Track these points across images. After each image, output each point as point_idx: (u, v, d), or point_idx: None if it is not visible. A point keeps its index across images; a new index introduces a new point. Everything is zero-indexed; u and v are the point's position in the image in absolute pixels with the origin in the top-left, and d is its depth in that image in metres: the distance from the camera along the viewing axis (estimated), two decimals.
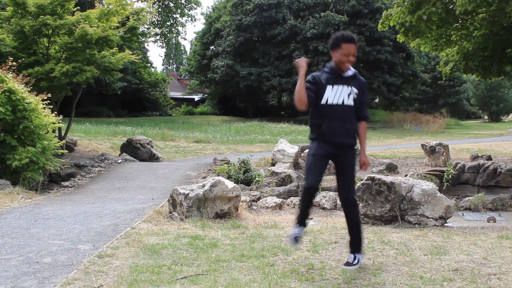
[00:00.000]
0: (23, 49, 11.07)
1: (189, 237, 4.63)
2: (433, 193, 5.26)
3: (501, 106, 50.58)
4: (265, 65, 32.87)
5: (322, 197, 7.59)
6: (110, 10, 11.55)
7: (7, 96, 7.98)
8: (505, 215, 7.14)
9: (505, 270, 3.57)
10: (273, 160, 10.84)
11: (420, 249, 4.18)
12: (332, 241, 4.52)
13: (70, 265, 3.81)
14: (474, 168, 9.38)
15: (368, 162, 3.76)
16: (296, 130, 23.52)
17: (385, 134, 24.70)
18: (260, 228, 5.09)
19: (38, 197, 7.46)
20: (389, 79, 31.31)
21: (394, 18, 10.26)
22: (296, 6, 32.46)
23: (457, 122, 38.62)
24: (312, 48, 30.38)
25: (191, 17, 49.11)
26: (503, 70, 12.47)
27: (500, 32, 10.93)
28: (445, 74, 12.73)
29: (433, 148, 11.08)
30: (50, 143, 8.52)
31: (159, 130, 19.63)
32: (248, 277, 3.47)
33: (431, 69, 44.89)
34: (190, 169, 10.53)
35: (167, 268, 3.66)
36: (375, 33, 30.10)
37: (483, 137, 23.06)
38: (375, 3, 31.30)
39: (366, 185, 5.46)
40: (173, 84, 52.14)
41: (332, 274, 3.53)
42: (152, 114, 34.44)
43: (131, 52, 12.20)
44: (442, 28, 10.67)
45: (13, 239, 4.59)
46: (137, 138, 13.11)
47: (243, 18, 33.01)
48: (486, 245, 4.30)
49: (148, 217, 5.64)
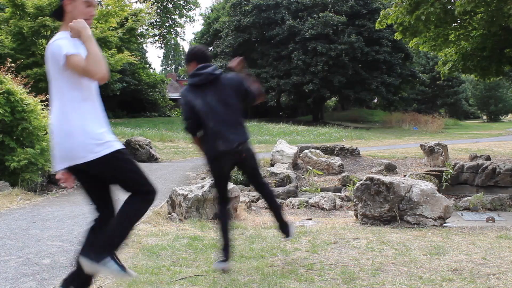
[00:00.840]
0: (21, 50, 11.09)
1: (188, 238, 4.62)
2: (432, 193, 5.27)
3: (500, 106, 50.69)
4: (264, 66, 32.88)
5: (321, 197, 7.59)
6: (109, 11, 11.58)
7: (5, 97, 7.97)
8: (504, 215, 7.14)
9: (504, 270, 3.58)
10: (272, 161, 10.84)
11: (419, 249, 4.18)
12: (331, 241, 4.52)
13: (69, 266, 3.80)
14: (473, 168, 9.39)
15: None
16: (295, 130, 23.52)
17: (384, 134, 24.71)
18: (259, 229, 5.09)
19: (37, 199, 7.45)
20: (387, 80, 31.34)
21: (392, 17, 10.28)
22: (294, 7, 32.48)
23: (455, 122, 38.70)
24: (310, 48, 30.40)
25: (189, 18, 49.10)
26: (501, 70, 12.51)
27: (499, 32, 10.95)
28: (443, 74, 12.76)
29: (432, 148, 11.09)
30: (49, 144, 8.50)
31: (158, 131, 19.61)
32: (247, 277, 3.47)
33: (430, 69, 44.95)
34: (189, 170, 10.53)
35: (166, 269, 3.66)
36: (374, 34, 30.14)
37: (481, 137, 23.08)
38: (373, 3, 31.34)
39: (365, 185, 5.47)
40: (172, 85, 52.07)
41: (331, 275, 3.53)
42: (151, 115, 34.40)
43: (130, 53, 12.22)
44: (440, 28, 10.69)
45: (12, 241, 4.58)
46: (136, 139, 13.11)
47: (242, 19, 33.02)
48: (485, 245, 4.31)
49: (147, 218, 5.63)
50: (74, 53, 2.42)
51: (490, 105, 49.96)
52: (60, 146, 2.52)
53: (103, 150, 2.48)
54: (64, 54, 2.42)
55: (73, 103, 2.50)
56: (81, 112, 2.50)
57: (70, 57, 2.41)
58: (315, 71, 30.20)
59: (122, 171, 2.59)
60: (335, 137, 20.99)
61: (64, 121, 2.50)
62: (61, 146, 2.51)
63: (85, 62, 2.41)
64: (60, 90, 2.52)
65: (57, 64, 2.47)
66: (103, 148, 2.49)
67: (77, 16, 2.54)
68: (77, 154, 2.47)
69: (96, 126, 2.53)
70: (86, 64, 2.40)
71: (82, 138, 2.47)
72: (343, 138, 20.78)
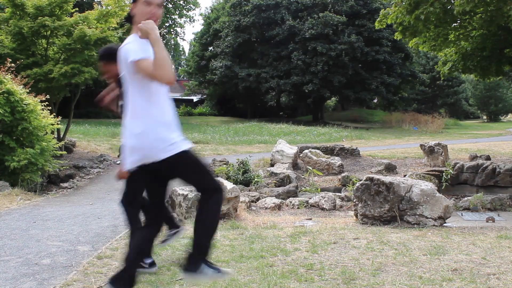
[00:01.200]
0: (21, 50, 11.07)
1: (188, 238, 4.62)
2: (432, 193, 5.27)
3: (500, 106, 50.66)
4: (264, 66, 32.86)
5: (321, 197, 7.59)
6: (108, 11, 11.56)
7: (5, 97, 7.98)
8: (504, 215, 7.14)
9: (504, 270, 3.58)
10: (272, 161, 10.84)
11: (419, 249, 4.18)
12: (331, 241, 4.52)
13: (69, 266, 3.80)
14: (473, 168, 9.38)
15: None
16: (295, 130, 23.52)
17: (384, 134, 24.71)
18: (259, 229, 5.09)
19: (37, 199, 7.45)
20: (387, 80, 31.33)
21: (392, 17, 10.29)
22: (294, 7, 32.46)
23: (455, 122, 38.68)
24: (310, 48, 30.38)
25: (189, 18, 49.13)
26: (501, 70, 12.50)
27: (498, 32, 10.95)
28: (443, 74, 12.76)
29: (432, 148, 11.09)
30: (48, 145, 8.52)
31: None
32: (247, 277, 3.47)
33: (430, 69, 44.93)
34: None
35: (166, 269, 3.66)
36: (374, 34, 30.11)
37: (481, 137, 23.08)
38: (373, 3, 31.32)
39: (365, 186, 5.47)
40: None
41: (331, 275, 3.53)
42: None
43: None
44: (440, 28, 10.69)
45: (12, 241, 4.58)
46: None
47: (242, 19, 33.00)
48: (485, 245, 4.31)
49: None
50: (142, 58, 2.47)
51: (490, 105, 49.95)
52: (131, 146, 2.63)
53: (172, 150, 2.56)
54: (132, 60, 2.49)
55: (143, 104, 2.58)
56: (151, 114, 2.58)
57: (137, 62, 2.48)
58: (315, 71, 30.18)
59: (191, 170, 2.67)
60: (335, 137, 20.99)
61: (135, 122, 2.60)
62: (133, 146, 2.62)
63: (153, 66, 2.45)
64: (132, 92, 2.61)
65: (126, 68, 2.57)
66: (172, 148, 2.57)
67: (140, 17, 2.60)
68: (148, 153, 2.57)
69: (166, 127, 2.60)
70: (153, 68, 2.45)
71: (152, 139, 2.56)
72: (343, 138, 20.78)
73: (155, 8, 2.64)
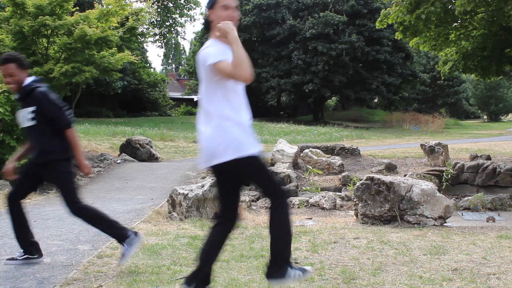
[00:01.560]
0: (22, 49, 11.07)
1: (189, 237, 4.63)
2: (432, 193, 5.27)
3: (500, 106, 50.63)
4: (264, 66, 32.86)
5: (321, 197, 7.58)
6: (109, 10, 11.57)
7: (6, 96, 7.98)
8: (504, 215, 7.13)
9: (504, 269, 3.58)
10: (273, 160, 10.84)
11: (420, 249, 4.18)
12: (332, 241, 4.52)
13: (70, 265, 3.81)
14: (473, 168, 9.37)
15: (86, 165, 3.73)
16: (295, 130, 23.53)
17: (384, 134, 24.71)
18: (259, 228, 5.09)
19: (37, 198, 7.45)
20: (388, 79, 31.32)
21: (392, 16, 10.28)
22: (295, 6, 32.45)
23: (456, 122, 38.66)
24: (311, 48, 30.39)
25: (190, 17, 49.02)
26: (502, 70, 12.50)
27: (499, 32, 10.95)
28: (444, 73, 12.76)
29: (432, 148, 11.09)
30: None
31: (158, 130, 19.60)
32: (247, 277, 3.47)
33: (430, 69, 44.89)
34: (189, 169, 10.53)
35: (167, 268, 3.66)
36: (374, 33, 30.10)
37: (482, 137, 23.07)
38: (374, 3, 31.31)
39: (365, 185, 5.46)
40: (172, 84, 52.13)
41: (331, 274, 3.53)
42: (151, 114, 34.40)
43: (131, 52, 12.22)
44: (441, 27, 10.69)
45: (12, 240, 4.58)
46: (136, 139, 13.10)
47: (242, 18, 32.98)
48: (486, 244, 4.31)
49: (148, 217, 5.64)
50: (220, 60, 2.54)
51: (491, 105, 49.91)
52: (204, 146, 2.67)
53: (241, 152, 2.60)
54: (210, 64, 2.56)
55: (218, 105, 2.63)
56: (227, 115, 2.62)
57: (216, 64, 2.54)
58: (315, 71, 30.18)
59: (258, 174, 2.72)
60: (335, 137, 20.99)
61: (209, 122, 2.64)
62: (206, 146, 2.66)
63: (231, 66, 2.50)
64: (207, 92, 2.65)
65: (204, 70, 2.62)
66: (241, 150, 2.60)
67: (219, 21, 2.66)
68: (218, 154, 2.61)
69: (238, 128, 2.64)
70: (232, 67, 2.50)
71: (224, 139, 2.60)
72: (343, 138, 20.78)
73: (233, 11, 2.70)
